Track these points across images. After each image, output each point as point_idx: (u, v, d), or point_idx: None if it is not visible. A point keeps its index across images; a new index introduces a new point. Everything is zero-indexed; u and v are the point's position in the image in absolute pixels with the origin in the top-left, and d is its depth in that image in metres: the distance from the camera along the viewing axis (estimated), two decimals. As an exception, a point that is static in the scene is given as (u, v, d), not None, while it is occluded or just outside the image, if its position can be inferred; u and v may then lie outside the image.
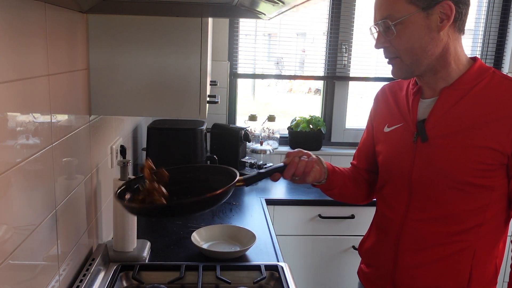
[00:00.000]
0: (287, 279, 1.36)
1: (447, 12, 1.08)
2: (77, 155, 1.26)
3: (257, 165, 2.69)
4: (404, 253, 1.22)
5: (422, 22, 1.09)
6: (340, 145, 3.04)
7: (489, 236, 1.16)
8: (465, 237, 1.15)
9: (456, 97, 1.15)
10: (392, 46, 1.14)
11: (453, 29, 1.12)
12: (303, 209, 2.36)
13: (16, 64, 0.87)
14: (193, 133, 2.16)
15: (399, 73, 1.19)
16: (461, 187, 1.13)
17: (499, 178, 1.12)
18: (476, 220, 1.14)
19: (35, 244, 0.98)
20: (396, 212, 1.25)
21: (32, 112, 0.95)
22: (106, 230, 1.64)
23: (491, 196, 1.13)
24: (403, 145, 1.23)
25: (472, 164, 1.11)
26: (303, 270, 2.43)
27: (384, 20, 1.12)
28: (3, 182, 0.83)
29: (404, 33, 1.11)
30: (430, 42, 1.11)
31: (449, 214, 1.16)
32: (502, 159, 1.09)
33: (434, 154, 1.16)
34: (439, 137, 1.16)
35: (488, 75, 1.15)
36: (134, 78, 1.35)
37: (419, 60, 1.14)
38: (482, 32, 2.98)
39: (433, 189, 1.17)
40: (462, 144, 1.12)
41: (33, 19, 0.94)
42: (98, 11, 1.28)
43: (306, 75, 3.07)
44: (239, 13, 1.34)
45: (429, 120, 1.18)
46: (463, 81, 1.15)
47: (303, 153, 1.27)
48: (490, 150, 1.09)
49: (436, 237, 1.18)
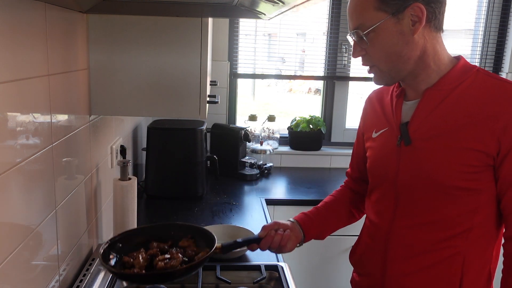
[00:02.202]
0: (287, 279, 1.36)
1: (418, 14, 1.05)
2: (77, 155, 1.26)
3: (257, 165, 2.69)
4: (393, 261, 1.19)
5: (394, 27, 1.07)
6: (340, 145, 3.04)
7: (480, 241, 1.12)
8: (454, 243, 1.11)
9: (439, 98, 1.12)
10: (368, 54, 1.13)
11: (428, 29, 1.09)
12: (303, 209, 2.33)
13: (16, 64, 0.87)
14: (193, 133, 2.16)
15: (380, 81, 1.17)
16: (447, 191, 1.09)
17: (486, 181, 1.07)
18: (465, 225, 1.10)
19: (35, 244, 0.98)
20: (383, 218, 1.22)
21: (32, 112, 0.95)
22: (106, 230, 1.64)
23: (479, 200, 1.08)
24: (388, 149, 1.20)
25: (457, 166, 1.07)
26: (303, 270, 2.43)
27: (355, 30, 1.10)
28: (3, 182, 0.83)
29: (377, 41, 1.09)
30: (405, 47, 1.08)
31: (436, 219, 1.12)
32: (487, 161, 1.05)
33: (418, 158, 1.13)
34: (422, 140, 1.13)
35: (472, 74, 1.11)
36: (134, 78, 1.35)
37: (396, 67, 1.11)
38: (482, 32, 2.98)
39: (418, 193, 1.13)
40: (446, 147, 1.08)
41: (33, 19, 0.94)
42: (98, 11, 1.28)
43: (306, 75, 3.07)
44: (239, 13, 1.34)
45: (412, 123, 1.15)
46: (445, 81, 1.12)
47: (279, 225, 1.30)
48: (475, 151, 1.05)
49: (424, 244, 1.14)
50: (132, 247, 1.18)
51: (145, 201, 2.16)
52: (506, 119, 1.03)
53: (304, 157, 2.94)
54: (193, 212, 2.03)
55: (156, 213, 2.00)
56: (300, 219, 1.37)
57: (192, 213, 2.03)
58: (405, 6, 1.05)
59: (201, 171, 2.18)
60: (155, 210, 2.05)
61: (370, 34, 1.08)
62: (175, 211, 2.03)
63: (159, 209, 2.05)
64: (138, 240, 1.20)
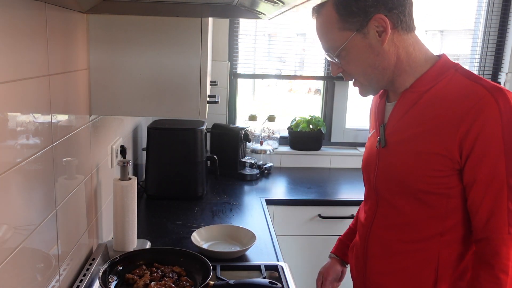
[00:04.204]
0: (287, 279, 1.37)
1: (381, 24, 1.05)
2: (77, 155, 1.26)
3: (257, 165, 2.70)
4: (371, 260, 1.22)
5: (362, 42, 1.08)
6: (340, 145, 3.04)
7: (454, 246, 1.10)
8: (426, 246, 1.11)
9: (413, 101, 1.11)
10: (345, 71, 1.15)
11: (397, 34, 1.08)
12: (303, 209, 2.36)
13: (16, 64, 0.87)
14: (193, 133, 2.16)
15: (364, 93, 1.19)
16: (415, 194, 1.09)
17: (454, 185, 1.06)
18: (436, 228, 1.09)
19: (35, 244, 0.98)
20: (367, 218, 1.25)
21: (32, 112, 0.95)
22: (106, 230, 1.64)
23: (447, 204, 1.07)
24: (372, 151, 1.22)
25: (423, 171, 1.06)
26: (303, 270, 2.42)
27: (327, 52, 1.13)
28: (3, 182, 0.83)
29: (350, 58, 1.10)
30: (377, 58, 1.09)
31: (407, 221, 1.13)
32: (452, 165, 1.03)
33: (391, 160, 1.14)
34: (395, 142, 1.13)
35: (449, 74, 1.08)
36: (134, 78, 1.36)
37: (374, 78, 1.13)
38: (482, 32, 2.98)
39: (391, 195, 1.15)
40: (414, 151, 1.08)
41: (33, 19, 0.94)
42: (98, 11, 1.28)
43: (306, 75, 3.07)
44: (239, 13, 1.34)
45: (388, 125, 1.16)
46: (420, 83, 1.10)
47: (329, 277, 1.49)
48: (439, 156, 1.04)
49: (398, 245, 1.16)
50: (132, 267, 1.29)
51: (145, 201, 2.16)
52: (468, 122, 1.00)
53: (304, 157, 2.94)
54: (193, 212, 2.03)
55: (156, 213, 2.00)
56: (337, 250, 1.51)
57: (192, 213, 2.03)
58: (367, 20, 1.06)
59: (201, 171, 2.18)
60: (155, 210, 2.05)
61: (342, 53, 1.10)
62: (175, 211, 2.03)
63: (159, 209, 2.05)
64: (138, 262, 1.31)
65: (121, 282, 1.23)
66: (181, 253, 1.34)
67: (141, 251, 1.38)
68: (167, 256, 1.33)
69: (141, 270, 1.26)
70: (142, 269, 1.27)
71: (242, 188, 2.47)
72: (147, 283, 1.21)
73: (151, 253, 1.36)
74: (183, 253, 1.34)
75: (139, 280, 1.21)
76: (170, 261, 1.31)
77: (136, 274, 1.24)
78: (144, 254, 1.35)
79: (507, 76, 2.95)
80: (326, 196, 2.46)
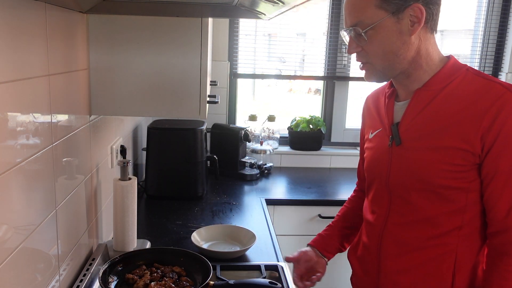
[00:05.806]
0: (287, 279, 1.37)
1: (417, 15, 1.06)
2: (77, 155, 1.26)
3: (257, 165, 2.70)
4: (386, 259, 1.22)
5: (393, 26, 1.08)
6: (340, 145, 3.04)
7: (472, 238, 1.13)
8: (445, 240, 1.13)
9: (428, 98, 1.13)
10: (364, 51, 1.13)
11: (424, 30, 1.10)
12: (303, 209, 2.36)
13: (16, 64, 0.87)
14: (193, 133, 2.16)
15: (371, 77, 1.18)
16: (435, 189, 1.11)
17: (473, 179, 1.09)
18: (454, 222, 1.12)
19: (35, 244, 0.98)
20: (378, 217, 1.24)
21: (32, 112, 0.95)
22: (106, 230, 1.64)
23: (467, 198, 1.10)
24: (381, 150, 1.23)
25: (443, 166, 1.09)
26: (303, 270, 2.42)
27: (354, 27, 1.10)
28: (3, 182, 0.83)
29: (376, 38, 1.09)
30: (401, 46, 1.09)
31: (426, 217, 1.14)
32: (473, 160, 1.07)
33: (408, 157, 1.15)
34: (412, 140, 1.14)
35: (461, 74, 1.12)
36: (134, 78, 1.36)
37: (391, 65, 1.12)
38: (482, 32, 2.98)
39: (409, 192, 1.15)
40: (433, 146, 1.10)
41: (33, 19, 0.95)
42: (98, 11, 1.28)
43: (306, 75, 3.07)
44: (239, 13, 1.34)
45: (402, 123, 1.17)
46: (434, 81, 1.13)
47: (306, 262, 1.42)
48: (461, 150, 1.06)
49: (415, 242, 1.16)
50: (132, 267, 1.29)
51: (145, 201, 2.16)
52: (491, 117, 1.04)
53: (304, 157, 2.94)
54: (193, 212, 2.03)
55: (156, 213, 2.00)
56: (315, 242, 1.46)
57: (192, 213, 2.03)
58: (406, 6, 1.06)
59: (201, 171, 2.18)
60: (155, 210, 2.05)
61: (369, 31, 1.09)
62: (175, 211, 2.03)
63: (159, 209, 2.05)
64: (138, 263, 1.31)
65: (121, 282, 1.23)
66: (181, 253, 1.34)
67: (141, 251, 1.38)
68: (167, 256, 1.33)
69: (141, 270, 1.26)
70: (142, 269, 1.27)
71: (242, 188, 2.47)
72: (147, 283, 1.21)
73: (151, 253, 1.36)
74: (183, 253, 1.34)
75: (139, 280, 1.21)
76: (170, 261, 1.31)
77: (136, 274, 1.24)
78: (144, 254, 1.35)
79: (507, 76, 2.96)
80: (326, 196, 2.46)
